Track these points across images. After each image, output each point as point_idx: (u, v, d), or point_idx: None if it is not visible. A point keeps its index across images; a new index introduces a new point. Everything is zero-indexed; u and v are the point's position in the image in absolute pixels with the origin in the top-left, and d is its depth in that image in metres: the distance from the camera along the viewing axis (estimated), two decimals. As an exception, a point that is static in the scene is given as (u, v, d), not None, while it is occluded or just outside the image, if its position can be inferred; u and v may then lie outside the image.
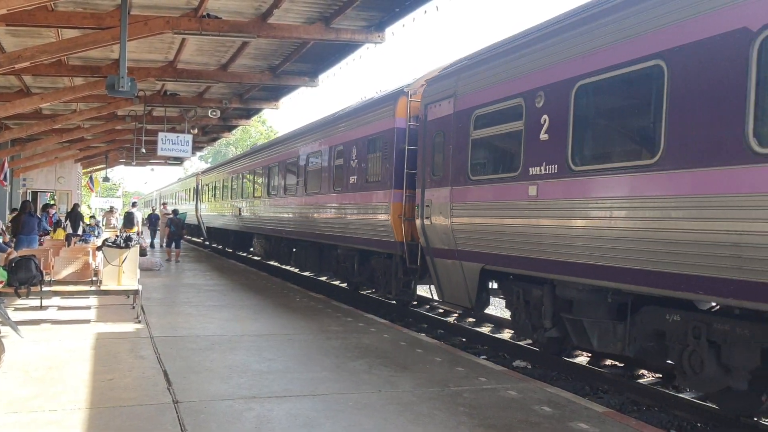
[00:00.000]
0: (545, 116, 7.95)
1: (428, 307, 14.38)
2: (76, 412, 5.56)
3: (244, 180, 25.66)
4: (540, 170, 7.99)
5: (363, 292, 16.07)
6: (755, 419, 6.80)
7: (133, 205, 31.86)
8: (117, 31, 10.82)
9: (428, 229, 10.73)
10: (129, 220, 24.26)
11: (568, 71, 7.61)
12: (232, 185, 28.02)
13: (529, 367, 9.44)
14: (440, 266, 10.65)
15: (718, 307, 6.66)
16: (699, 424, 7.03)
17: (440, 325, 12.31)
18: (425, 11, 11.23)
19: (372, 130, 13.29)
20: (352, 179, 14.17)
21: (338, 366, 7.56)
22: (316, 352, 8.26)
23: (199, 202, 36.95)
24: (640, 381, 8.46)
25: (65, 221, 25.18)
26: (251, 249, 26.52)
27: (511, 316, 9.73)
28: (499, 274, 9.41)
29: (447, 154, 10.18)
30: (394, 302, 13.96)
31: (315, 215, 16.65)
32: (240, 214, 25.34)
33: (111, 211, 34.00)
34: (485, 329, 11.90)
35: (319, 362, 7.71)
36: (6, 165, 25.15)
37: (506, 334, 11.42)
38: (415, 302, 13.84)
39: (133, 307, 10.91)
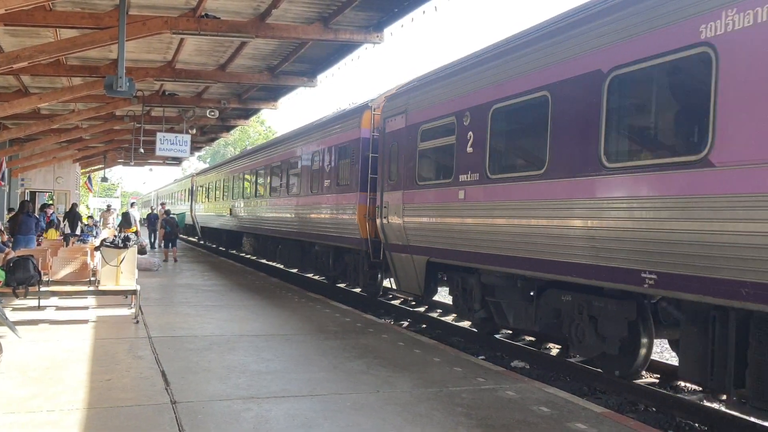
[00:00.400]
0: (470, 133, 9.48)
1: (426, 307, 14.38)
2: (73, 413, 5.55)
3: (234, 182, 27.17)
4: (467, 177, 9.54)
5: (337, 285, 17.33)
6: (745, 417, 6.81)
7: (132, 205, 31.97)
8: (115, 31, 10.82)
9: (386, 227, 12.24)
10: (126, 219, 24.21)
11: (487, 96, 9.19)
12: (223, 187, 29.52)
13: (528, 367, 9.44)
14: (396, 260, 12.17)
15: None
16: (697, 425, 7.03)
17: (438, 325, 12.31)
18: (424, 11, 11.26)
19: (342, 139, 14.91)
20: (326, 182, 15.78)
21: (336, 366, 7.56)
22: (315, 353, 8.26)
23: (193, 202, 38.19)
24: (638, 381, 8.46)
25: (63, 221, 25.15)
26: (241, 247, 27.93)
27: (452, 301, 11.40)
28: (443, 265, 10.80)
29: (400, 162, 11.71)
30: (365, 294, 15.38)
31: (295, 215, 18.25)
32: (230, 214, 26.85)
33: (108, 210, 33.98)
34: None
35: (318, 362, 7.71)
36: (4, 165, 25.13)
37: (504, 335, 11.42)
38: (381, 294, 15.25)
39: (131, 307, 10.90)
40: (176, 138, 20.39)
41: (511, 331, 11.11)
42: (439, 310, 13.83)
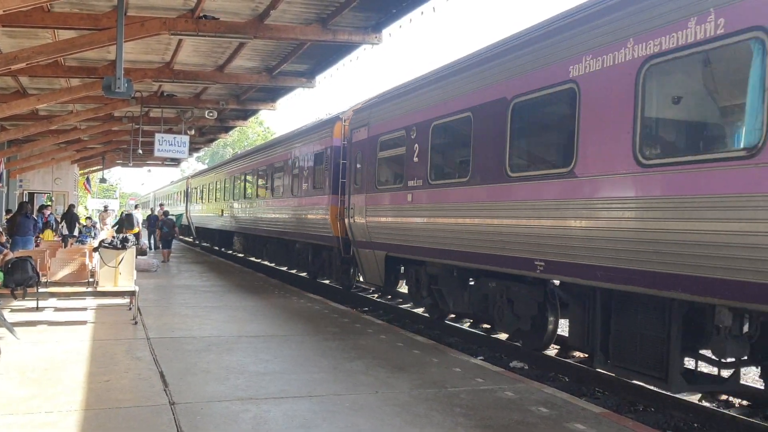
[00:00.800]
0: (416, 145, 10.99)
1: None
2: (72, 414, 5.55)
3: (225, 185, 28.80)
4: (414, 183, 11.03)
5: (318, 280, 18.20)
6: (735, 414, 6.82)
7: (135, 207, 32.12)
8: (113, 32, 10.81)
9: (353, 226, 13.72)
10: (129, 221, 24.31)
11: (428, 114, 10.75)
12: (215, 189, 31.09)
13: (526, 367, 9.45)
14: (362, 255, 13.66)
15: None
16: (695, 425, 7.04)
17: (436, 326, 12.30)
18: (422, 12, 11.26)
19: (317, 147, 16.55)
20: (304, 186, 17.43)
21: (335, 367, 7.55)
22: (313, 353, 8.26)
23: (188, 204, 39.66)
24: (637, 382, 8.46)
25: (60, 222, 25.13)
26: (233, 246, 29.36)
27: (408, 290, 13.17)
28: (400, 259, 12.28)
29: (364, 168, 13.18)
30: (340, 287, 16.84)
31: (278, 216, 19.88)
32: (222, 215, 28.35)
33: (105, 210, 33.99)
34: (482, 330, 11.90)
35: (316, 363, 7.71)
36: (2, 166, 25.11)
37: (502, 335, 11.42)
38: (354, 287, 16.74)
39: (130, 309, 10.88)
40: (175, 139, 20.36)
41: (453, 315, 12.58)
42: (401, 300, 15.21)
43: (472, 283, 10.44)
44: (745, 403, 7.69)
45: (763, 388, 7.35)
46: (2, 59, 12.27)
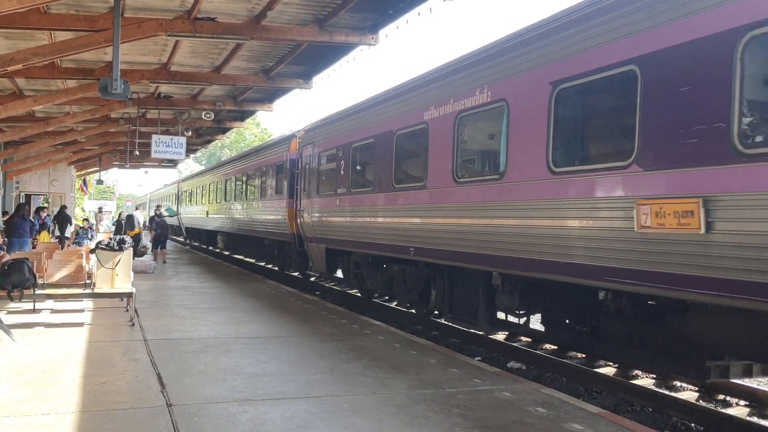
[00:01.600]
0: (342, 161, 13.87)
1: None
2: (69, 416, 5.54)
3: (208, 189, 32.09)
4: (341, 190, 13.90)
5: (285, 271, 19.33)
6: (751, 419, 6.83)
7: (136, 208, 32.34)
8: (110, 34, 10.79)
9: (303, 224, 16.53)
10: (130, 222, 24.14)
11: (349, 138, 13.63)
12: (201, 193, 34.31)
13: (524, 368, 9.45)
14: (310, 248, 16.44)
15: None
16: (693, 425, 7.05)
17: (434, 326, 12.31)
18: (419, 13, 11.25)
19: (277, 159, 19.88)
20: (269, 191, 20.63)
21: (332, 368, 7.55)
22: (311, 354, 8.25)
23: (179, 205, 42.50)
24: (635, 382, 8.48)
25: (53, 223, 25.09)
26: (217, 244, 32.47)
27: (342, 275, 16.19)
28: (336, 250, 14.84)
29: (310, 177, 16.11)
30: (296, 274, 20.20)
31: (252, 216, 22.88)
32: (207, 216, 31.39)
33: (100, 211, 33.95)
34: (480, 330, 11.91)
35: (314, 364, 7.71)
36: (-1, 168, 25.07)
37: (500, 336, 11.43)
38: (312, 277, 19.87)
39: (127, 310, 10.87)
40: (172, 140, 20.32)
41: (377, 294, 15.05)
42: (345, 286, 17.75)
43: (385, 266, 13.01)
44: (743, 402, 7.71)
45: (543, 330, 10.04)
46: (-1, 60, 12.24)
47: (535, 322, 10.69)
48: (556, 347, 10.25)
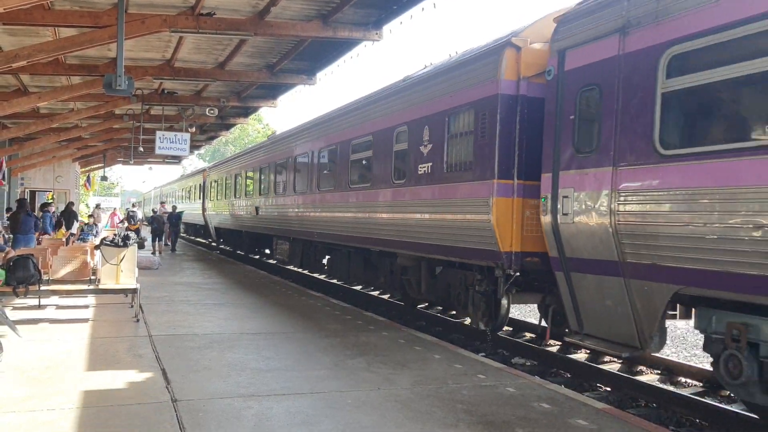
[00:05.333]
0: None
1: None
2: (73, 411, 5.55)
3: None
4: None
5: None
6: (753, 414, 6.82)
7: (133, 205, 32.90)
8: (114, 30, 10.79)
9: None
10: (133, 217, 26.17)
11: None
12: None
13: (528, 364, 9.45)
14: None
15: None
16: (697, 420, 7.04)
17: (438, 322, 12.32)
18: (422, 8, 11.23)
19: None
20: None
21: (337, 364, 7.56)
22: (315, 350, 8.26)
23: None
24: (639, 378, 8.47)
25: (60, 219, 25.15)
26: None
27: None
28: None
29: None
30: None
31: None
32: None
33: (98, 207, 34.12)
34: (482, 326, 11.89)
35: (318, 360, 7.71)
36: (4, 164, 25.10)
37: (504, 332, 11.43)
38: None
39: (132, 306, 10.90)
40: (176, 136, 20.33)
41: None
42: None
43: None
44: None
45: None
46: (3, 57, 12.26)
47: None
48: (560, 344, 10.23)
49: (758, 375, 5.79)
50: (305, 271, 19.88)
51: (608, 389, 8.17)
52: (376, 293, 15.81)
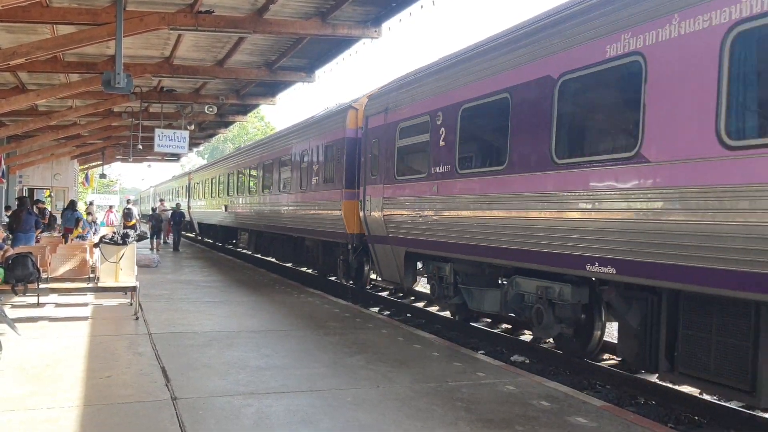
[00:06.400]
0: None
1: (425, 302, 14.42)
2: (73, 410, 5.55)
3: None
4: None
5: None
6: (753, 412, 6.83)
7: (128, 202, 33.27)
8: (113, 27, 10.78)
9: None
10: (129, 214, 26.35)
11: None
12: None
13: (527, 361, 9.45)
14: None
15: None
16: (696, 417, 7.05)
17: (437, 320, 12.33)
18: (421, 6, 11.22)
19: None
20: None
21: (336, 362, 7.56)
22: (314, 348, 8.26)
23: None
24: (638, 375, 8.47)
25: (61, 217, 25.13)
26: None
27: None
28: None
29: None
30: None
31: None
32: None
33: (91, 204, 34.15)
34: (481, 324, 11.91)
35: (317, 358, 7.72)
36: (2, 162, 25.08)
37: (501, 330, 11.44)
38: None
39: (131, 304, 10.89)
40: (174, 134, 20.31)
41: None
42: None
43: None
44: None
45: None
46: (1, 55, 12.22)
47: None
48: (552, 341, 10.21)
49: (454, 293, 10.44)
50: (258, 255, 24.77)
51: (607, 387, 8.17)
52: (372, 291, 15.84)
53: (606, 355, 9.36)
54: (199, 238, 38.75)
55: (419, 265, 11.79)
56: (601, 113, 7.42)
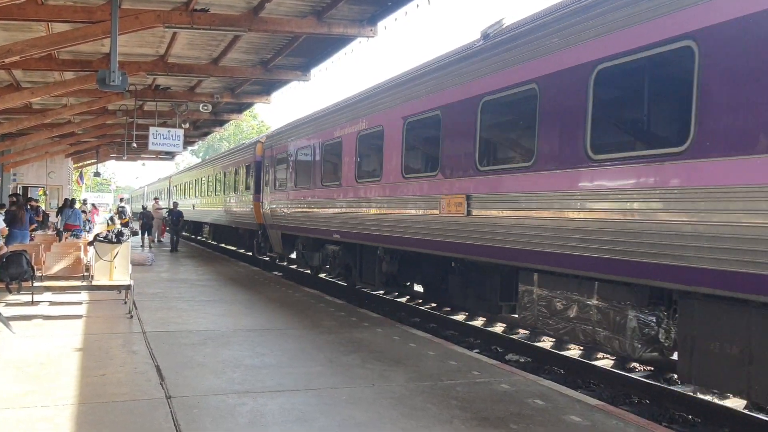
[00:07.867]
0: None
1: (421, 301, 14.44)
2: (68, 408, 5.54)
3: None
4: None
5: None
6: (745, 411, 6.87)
7: (121, 200, 34.15)
8: (108, 25, 10.75)
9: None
10: (123, 212, 27.89)
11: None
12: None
13: (522, 360, 9.48)
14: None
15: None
16: (690, 417, 7.08)
17: (432, 319, 12.35)
18: (417, 5, 11.19)
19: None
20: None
21: (331, 360, 7.57)
22: (310, 347, 8.27)
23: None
24: (632, 374, 8.51)
25: (57, 216, 25.04)
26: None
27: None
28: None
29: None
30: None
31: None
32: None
33: (84, 203, 34.08)
34: (478, 323, 11.94)
35: (313, 357, 7.72)
36: (-3, 160, 24.99)
37: (498, 328, 11.46)
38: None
39: (125, 302, 10.87)
40: (169, 132, 20.31)
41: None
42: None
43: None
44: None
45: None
46: (-5, 52, 12.18)
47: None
48: (554, 340, 10.27)
49: (303, 256, 17.60)
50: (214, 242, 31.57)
51: (602, 386, 8.21)
52: (371, 292, 15.86)
53: (600, 354, 9.41)
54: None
55: (295, 242, 18.07)
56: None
